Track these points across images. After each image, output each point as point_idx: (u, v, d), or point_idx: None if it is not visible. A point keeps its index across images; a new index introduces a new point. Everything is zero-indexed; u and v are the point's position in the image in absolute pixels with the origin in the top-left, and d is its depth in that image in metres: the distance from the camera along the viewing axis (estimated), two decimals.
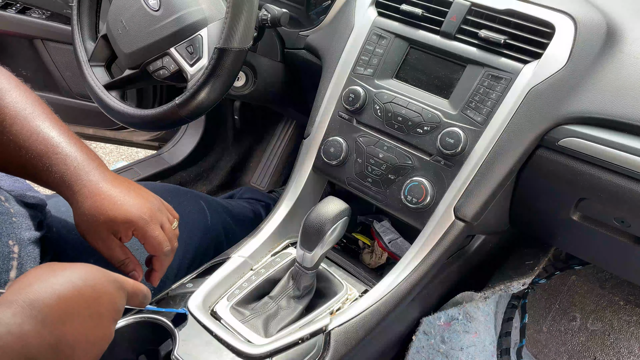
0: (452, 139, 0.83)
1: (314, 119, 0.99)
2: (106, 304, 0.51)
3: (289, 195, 0.98)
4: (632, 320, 1.37)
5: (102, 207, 0.68)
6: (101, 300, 0.51)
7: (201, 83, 0.88)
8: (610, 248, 0.97)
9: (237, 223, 1.12)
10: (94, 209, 0.68)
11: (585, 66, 0.78)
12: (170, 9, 0.91)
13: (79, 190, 0.68)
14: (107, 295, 0.52)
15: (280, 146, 1.84)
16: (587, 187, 0.81)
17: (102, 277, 0.52)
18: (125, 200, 0.69)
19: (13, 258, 0.66)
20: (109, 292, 0.52)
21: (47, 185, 0.70)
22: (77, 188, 0.69)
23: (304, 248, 0.75)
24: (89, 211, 0.68)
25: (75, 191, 0.68)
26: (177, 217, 0.78)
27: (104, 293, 0.51)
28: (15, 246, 0.67)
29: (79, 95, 1.64)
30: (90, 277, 0.50)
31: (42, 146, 0.68)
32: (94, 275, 0.51)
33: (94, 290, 0.50)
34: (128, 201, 0.70)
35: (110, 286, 0.53)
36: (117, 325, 0.68)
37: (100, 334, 0.50)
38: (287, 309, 0.79)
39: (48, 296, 0.46)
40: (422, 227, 0.87)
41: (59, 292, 0.47)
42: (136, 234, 0.71)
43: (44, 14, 1.50)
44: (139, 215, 0.69)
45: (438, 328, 1.12)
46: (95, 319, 0.49)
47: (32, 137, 0.68)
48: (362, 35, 0.94)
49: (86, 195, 0.68)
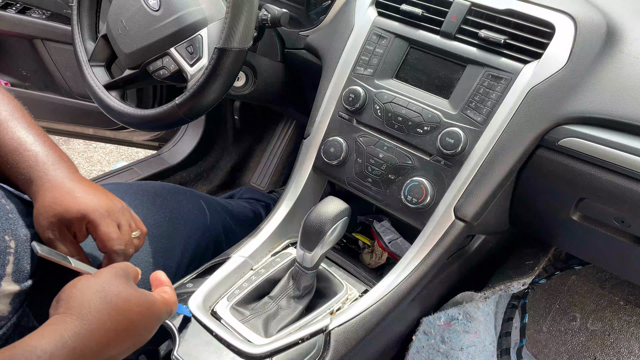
0: (452, 139, 0.83)
1: (314, 119, 0.99)
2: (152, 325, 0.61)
3: (289, 195, 0.98)
4: (632, 320, 1.37)
5: (59, 199, 0.68)
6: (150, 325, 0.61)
7: (201, 83, 0.88)
8: (610, 248, 0.97)
9: (237, 223, 1.12)
10: (52, 200, 0.68)
11: (585, 66, 0.78)
12: (170, 9, 0.91)
13: (42, 185, 0.69)
14: (154, 318, 0.61)
15: (280, 146, 1.84)
16: (587, 187, 0.81)
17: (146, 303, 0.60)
18: (84, 195, 0.69)
19: (10, 253, 0.65)
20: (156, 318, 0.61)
21: (15, 182, 0.70)
22: (40, 183, 0.69)
23: (304, 248, 0.75)
24: (47, 203, 0.68)
25: (39, 186, 0.69)
26: (144, 231, 0.77)
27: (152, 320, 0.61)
28: (12, 241, 0.66)
29: (79, 95, 1.64)
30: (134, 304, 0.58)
31: (14, 144, 0.69)
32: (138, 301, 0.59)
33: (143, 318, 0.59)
34: (87, 196, 0.69)
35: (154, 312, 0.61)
36: None
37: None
38: (287, 309, 0.79)
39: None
40: (422, 227, 0.87)
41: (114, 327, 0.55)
42: (89, 228, 0.70)
43: (44, 14, 1.50)
44: (93, 208, 0.69)
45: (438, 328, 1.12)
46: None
47: (6, 136, 0.69)
48: (362, 35, 0.94)
49: (48, 189, 0.69)
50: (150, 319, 0.60)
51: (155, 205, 0.93)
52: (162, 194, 0.97)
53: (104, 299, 0.56)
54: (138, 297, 0.59)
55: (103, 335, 0.54)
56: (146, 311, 0.59)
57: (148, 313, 0.60)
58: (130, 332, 0.57)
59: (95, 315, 0.54)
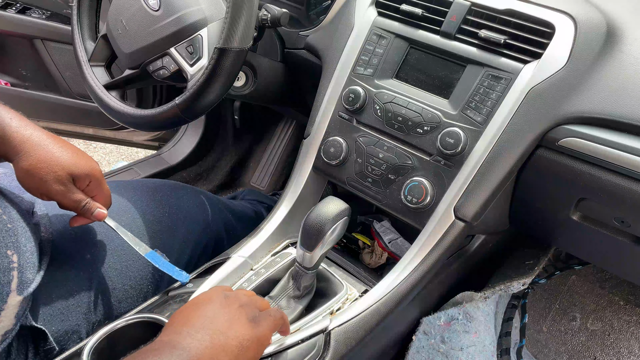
0: (452, 139, 0.83)
1: (314, 119, 0.99)
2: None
3: (289, 195, 0.98)
4: (632, 320, 1.37)
5: (59, 156, 0.71)
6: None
7: (201, 83, 0.88)
8: (610, 248, 0.97)
9: (238, 220, 1.12)
10: (51, 156, 0.70)
11: (585, 66, 0.78)
12: (170, 9, 0.91)
13: (23, 141, 0.70)
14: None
15: (280, 146, 1.84)
16: (587, 187, 0.81)
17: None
18: (77, 155, 0.73)
19: (13, 268, 0.65)
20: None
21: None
22: (18, 140, 0.70)
23: (304, 248, 0.75)
24: (45, 159, 0.70)
25: (20, 142, 0.70)
26: None
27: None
28: (14, 255, 0.66)
29: (79, 95, 1.64)
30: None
31: None
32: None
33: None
34: (81, 156, 0.74)
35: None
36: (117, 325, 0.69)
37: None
38: (287, 309, 0.79)
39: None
40: (422, 227, 0.87)
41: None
42: (92, 185, 0.75)
43: (44, 14, 1.50)
44: (95, 168, 0.75)
45: (438, 328, 1.12)
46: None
47: None
48: (362, 35, 0.94)
49: (35, 145, 0.70)
50: (259, 353, 0.61)
51: (155, 201, 0.93)
52: (162, 190, 0.97)
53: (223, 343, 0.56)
54: (251, 338, 0.59)
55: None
56: (258, 348, 0.60)
57: (260, 349, 0.60)
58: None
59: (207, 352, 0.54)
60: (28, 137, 0.70)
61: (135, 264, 0.85)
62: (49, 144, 0.72)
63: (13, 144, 0.70)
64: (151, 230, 0.89)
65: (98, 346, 0.66)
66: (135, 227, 0.88)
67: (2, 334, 0.64)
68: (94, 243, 0.82)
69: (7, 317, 0.64)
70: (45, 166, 0.70)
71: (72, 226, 0.77)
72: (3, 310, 0.63)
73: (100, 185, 0.76)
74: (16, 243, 0.67)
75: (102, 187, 0.77)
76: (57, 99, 1.66)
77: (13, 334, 0.66)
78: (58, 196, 0.72)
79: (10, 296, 0.64)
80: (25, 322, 0.70)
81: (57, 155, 0.71)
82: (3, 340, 0.65)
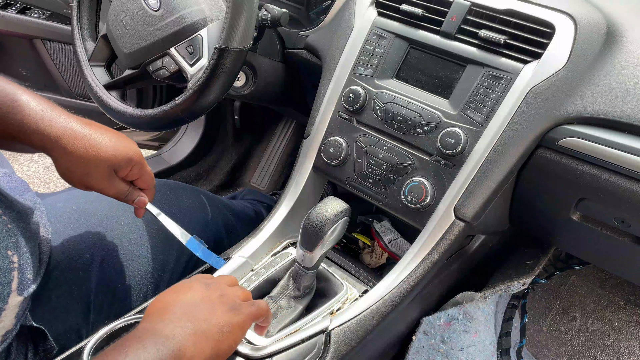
0: (452, 139, 0.83)
1: (314, 119, 0.99)
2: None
3: (289, 195, 0.98)
4: (632, 320, 1.37)
5: (98, 147, 0.70)
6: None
7: (201, 83, 0.88)
8: (610, 248, 0.97)
9: (238, 220, 1.12)
10: (90, 149, 0.69)
11: (585, 66, 0.78)
12: (170, 9, 0.91)
13: (60, 134, 0.68)
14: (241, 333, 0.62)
15: (280, 146, 1.84)
16: (587, 187, 0.81)
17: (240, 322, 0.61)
18: (116, 140, 0.72)
19: (14, 269, 0.65)
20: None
21: (13, 138, 0.68)
22: (54, 132, 0.68)
23: (304, 248, 0.75)
24: (85, 153, 0.69)
25: (56, 136, 0.68)
26: None
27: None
28: (15, 255, 0.66)
29: (79, 95, 1.64)
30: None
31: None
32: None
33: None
34: (119, 141, 0.73)
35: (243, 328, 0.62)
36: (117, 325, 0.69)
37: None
38: (287, 309, 0.79)
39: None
40: (422, 227, 0.87)
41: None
42: (134, 170, 0.74)
43: (44, 14, 1.50)
44: (135, 152, 0.74)
45: (438, 328, 1.12)
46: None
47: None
48: (362, 35, 0.94)
49: (72, 138, 0.69)
50: (238, 339, 0.62)
51: (154, 200, 0.93)
52: (161, 189, 0.97)
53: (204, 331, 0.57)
54: (231, 325, 0.60)
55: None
56: (238, 334, 0.61)
57: (239, 335, 0.62)
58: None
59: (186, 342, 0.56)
60: (63, 131, 0.68)
61: (134, 263, 0.85)
62: (86, 135, 0.70)
63: (49, 138, 0.68)
64: (150, 230, 0.89)
65: (98, 346, 0.66)
66: (135, 226, 0.88)
67: (3, 334, 0.64)
68: (94, 243, 0.82)
69: (8, 317, 0.64)
70: (85, 162, 0.69)
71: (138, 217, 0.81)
72: (4, 310, 0.63)
73: (142, 168, 0.75)
74: (16, 243, 0.67)
75: (144, 169, 0.76)
76: (57, 99, 1.65)
77: (13, 334, 0.66)
78: (101, 189, 0.73)
79: (11, 296, 0.64)
80: (25, 322, 0.70)
81: (96, 149, 0.69)
82: (3, 340, 0.65)
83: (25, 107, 0.68)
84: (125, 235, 0.86)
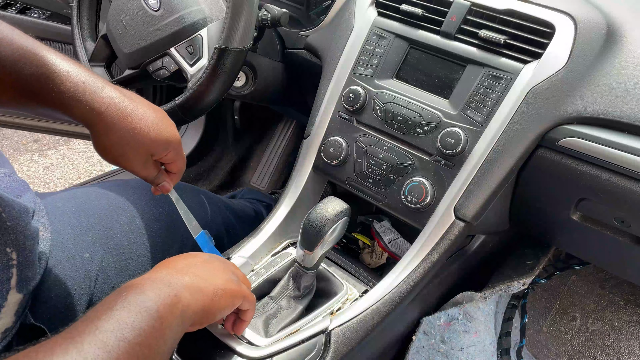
0: (452, 139, 0.83)
1: (314, 119, 0.99)
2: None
3: (289, 195, 0.98)
4: (632, 320, 1.37)
5: (140, 129, 0.69)
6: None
7: (201, 83, 0.88)
8: (610, 248, 0.97)
9: (238, 220, 1.12)
10: (133, 131, 0.68)
11: (585, 66, 0.78)
12: (170, 9, 0.91)
13: (103, 109, 0.66)
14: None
15: (280, 146, 1.84)
16: (587, 187, 0.81)
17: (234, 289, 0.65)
18: (157, 120, 0.71)
19: (12, 265, 0.65)
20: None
21: (52, 106, 0.65)
22: (98, 107, 0.66)
23: (304, 248, 0.75)
24: (127, 134, 0.68)
25: (99, 111, 0.66)
26: None
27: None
28: (13, 252, 0.66)
29: None
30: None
31: (41, 67, 0.64)
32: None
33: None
34: (161, 122, 0.71)
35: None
36: None
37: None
38: (287, 309, 0.79)
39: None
40: (422, 227, 0.87)
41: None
42: (170, 155, 0.74)
43: (44, 14, 1.50)
44: (175, 137, 0.73)
45: (438, 328, 1.12)
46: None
47: (21, 59, 0.64)
48: (362, 35, 0.94)
49: (116, 115, 0.67)
50: (228, 306, 0.64)
51: (153, 199, 0.93)
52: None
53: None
54: (225, 289, 0.63)
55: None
56: (230, 300, 0.64)
57: (230, 303, 0.64)
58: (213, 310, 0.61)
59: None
60: (107, 106, 0.66)
61: (134, 262, 0.85)
62: (131, 112, 0.68)
63: (91, 112, 0.66)
64: (150, 229, 0.89)
65: None
66: (134, 225, 0.88)
67: (2, 332, 0.64)
68: (94, 242, 0.82)
69: (7, 314, 0.64)
70: (125, 143, 0.68)
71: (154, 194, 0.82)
72: (3, 307, 0.63)
73: (177, 153, 0.75)
74: (15, 241, 0.67)
75: (179, 154, 0.75)
76: None
77: (13, 331, 0.66)
78: (134, 170, 0.73)
79: (10, 293, 0.64)
80: (25, 321, 0.70)
81: (138, 131, 0.68)
82: (3, 337, 0.65)
83: (65, 78, 0.65)
84: (125, 234, 0.86)
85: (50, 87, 0.65)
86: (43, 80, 0.64)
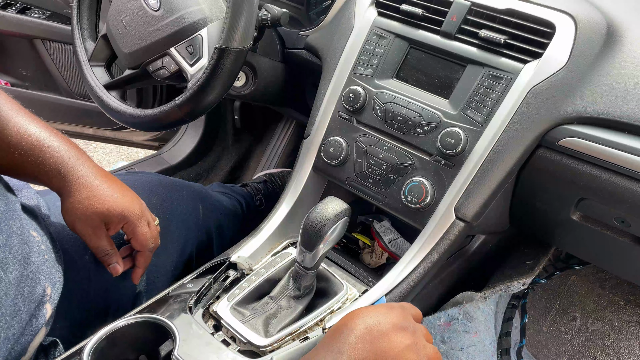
0: (452, 139, 0.83)
1: (314, 119, 0.99)
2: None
3: (289, 195, 0.98)
4: (632, 320, 1.37)
5: (98, 198, 0.72)
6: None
7: (201, 83, 0.88)
8: (610, 248, 0.97)
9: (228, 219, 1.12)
10: (91, 198, 0.72)
11: (585, 66, 0.78)
12: (170, 9, 0.91)
13: (74, 180, 0.71)
14: None
15: (280, 146, 1.84)
16: (587, 187, 0.81)
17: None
18: (119, 195, 0.74)
19: (46, 302, 0.66)
20: None
21: (35, 179, 0.72)
22: (71, 178, 0.71)
23: (304, 248, 0.75)
24: (85, 200, 0.71)
25: (71, 181, 0.71)
26: (155, 218, 0.83)
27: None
28: (49, 287, 0.67)
29: (79, 95, 1.64)
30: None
31: (32, 141, 0.70)
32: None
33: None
34: (121, 197, 0.74)
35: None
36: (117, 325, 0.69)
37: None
38: (287, 309, 0.79)
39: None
40: (422, 227, 0.87)
41: None
42: (126, 229, 0.75)
43: (44, 14, 1.50)
44: (132, 211, 0.74)
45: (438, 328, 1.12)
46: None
47: (18, 134, 0.70)
48: (362, 35, 0.94)
49: (82, 185, 0.71)
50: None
51: (150, 203, 0.93)
52: (157, 192, 0.96)
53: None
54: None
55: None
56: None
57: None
58: None
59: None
60: (78, 177, 0.72)
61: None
62: (94, 185, 0.72)
63: (65, 182, 0.71)
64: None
65: (98, 346, 0.65)
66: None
67: (45, 322, 0.67)
68: None
69: (31, 351, 0.66)
70: (81, 207, 0.71)
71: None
72: (30, 343, 0.64)
73: (133, 229, 0.75)
74: (51, 276, 0.68)
75: (135, 230, 0.75)
76: (57, 99, 1.65)
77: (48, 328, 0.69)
78: (84, 236, 0.74)
79: (41, 331, 0.66)
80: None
81: (95, 199, 0.72)
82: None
83: (60, 152, 0.71)
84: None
85: (41, 162, 0.70)
86: (36, 156, 0.70)
